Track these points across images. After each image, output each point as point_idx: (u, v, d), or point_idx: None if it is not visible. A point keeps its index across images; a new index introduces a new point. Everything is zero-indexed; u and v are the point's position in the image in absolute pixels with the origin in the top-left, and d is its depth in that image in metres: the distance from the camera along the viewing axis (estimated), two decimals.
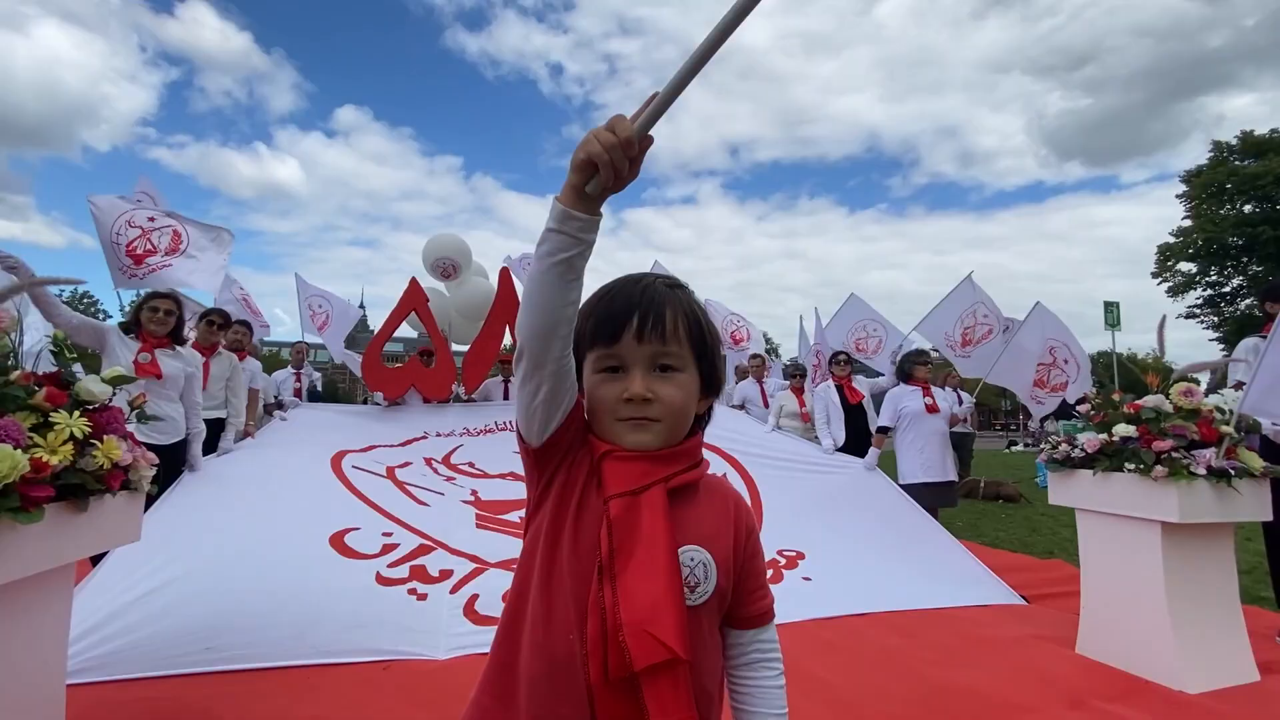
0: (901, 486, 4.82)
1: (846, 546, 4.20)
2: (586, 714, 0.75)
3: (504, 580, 2.07)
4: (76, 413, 1.70)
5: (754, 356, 7.26)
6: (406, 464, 4.54)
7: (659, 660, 0.72)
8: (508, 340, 6.00)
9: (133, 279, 4.78)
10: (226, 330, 4.66)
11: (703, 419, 0.93)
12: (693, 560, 0.81)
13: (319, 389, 7.87)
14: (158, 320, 3.70)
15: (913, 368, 5.03)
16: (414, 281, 5.82)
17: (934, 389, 5.03)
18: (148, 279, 4.78)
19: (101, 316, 3.96)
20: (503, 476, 4.58)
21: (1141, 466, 2.70)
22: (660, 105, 0.67)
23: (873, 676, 2.63)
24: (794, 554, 4.16)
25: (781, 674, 0.90)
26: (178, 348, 3.81)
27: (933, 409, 4.84)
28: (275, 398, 6.50)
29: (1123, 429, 2.83)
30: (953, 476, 4.92)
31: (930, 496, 4.75)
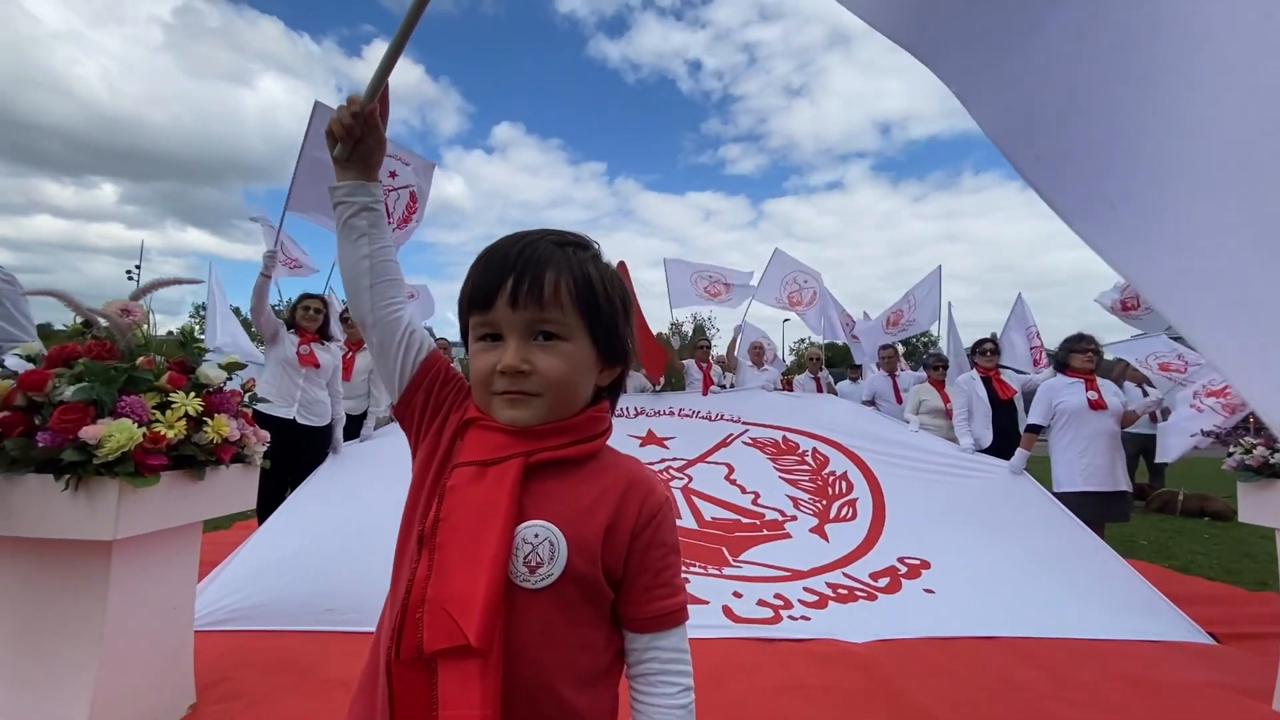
0: (1055, 495, 4.17)
1: (980, 558, 3.72)
2: (386, 692, 0.70)
3: None
4: (193, 394, 1.95)
5: (884, 348, 6.71)
6: None
7: (450, 645, 0.65)
8: None
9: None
10: None
11: (609, 391, 0.84)
12: (536, 537, 0.71)
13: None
14: (309, 318, 4.21)
15: (1070, 356, 4.29)
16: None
17: (1102, 382, 4.27)
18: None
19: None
20: None
21: None
22: (376, 78, 0.84)
23: (989, 711, 2.27)
24: (917, 562, 3.77)
25: (687, 690, 0.76)
26: (326, 342, 4.31)
27: (1097, 405, 4.10)
28: None
29: None
30: (1124, 486, 4.13)
31: (1092, 508, 4.04)
